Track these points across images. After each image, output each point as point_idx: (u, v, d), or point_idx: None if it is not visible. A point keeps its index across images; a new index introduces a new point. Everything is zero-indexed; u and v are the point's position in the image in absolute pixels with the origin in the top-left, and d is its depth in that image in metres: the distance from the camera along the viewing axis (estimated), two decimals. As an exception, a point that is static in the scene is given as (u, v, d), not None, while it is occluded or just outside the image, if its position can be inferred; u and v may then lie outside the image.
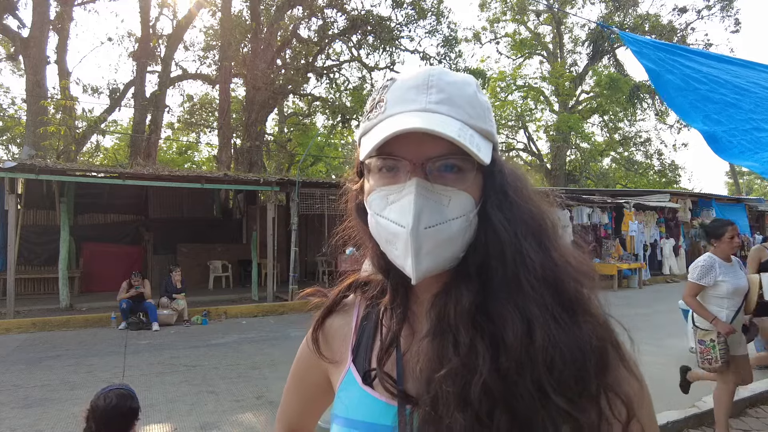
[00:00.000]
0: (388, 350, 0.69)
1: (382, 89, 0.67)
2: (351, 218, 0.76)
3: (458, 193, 0.63)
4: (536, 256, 0.62)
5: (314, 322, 0.81)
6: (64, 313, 9.22)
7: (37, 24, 14.52)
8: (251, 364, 6.24)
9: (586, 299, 0.63)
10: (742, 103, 2.43)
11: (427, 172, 0.62)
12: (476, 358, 0.58)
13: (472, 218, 0.64)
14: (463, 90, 0.65)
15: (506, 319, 0.59)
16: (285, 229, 12.63)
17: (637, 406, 0.61)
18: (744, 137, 2.37)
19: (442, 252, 0.63)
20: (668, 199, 16.42)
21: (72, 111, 15.34)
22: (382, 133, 0.62)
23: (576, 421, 0.56)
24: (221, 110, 17.60)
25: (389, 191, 0.64)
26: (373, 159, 0.65)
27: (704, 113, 2.43)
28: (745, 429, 4.15)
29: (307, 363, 0.84)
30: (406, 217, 0.61)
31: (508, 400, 0.57)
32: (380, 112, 0.65)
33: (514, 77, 27.45)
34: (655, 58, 2.60)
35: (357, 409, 0.69)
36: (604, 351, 0.60)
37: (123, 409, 1.97)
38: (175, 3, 19.14)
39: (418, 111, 0.62)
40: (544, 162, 28.14)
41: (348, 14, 18.38)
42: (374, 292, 0.77)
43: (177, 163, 26.12)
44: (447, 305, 0.63)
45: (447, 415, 0.57)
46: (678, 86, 2.49)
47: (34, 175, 8.99)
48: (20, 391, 5.16)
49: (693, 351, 6.08)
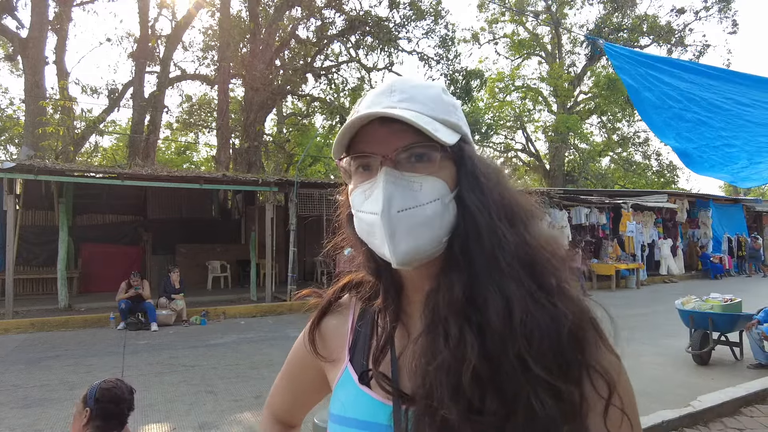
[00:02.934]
0: (383, 350, 0.72)
1: (357, 103, 0.73)
2: (343, 228, 0.79)
3: (429, 179, 0.66)
4: (511, 236, 0.65)
5: (310, 321, 0.83)
6: (63, 313, 9.23)
7: (35, 24, 14.52)
8: (250, 364, 6.26)
9: (560, 280, 0.65)
10: (713, 122, 2.54)
11: (396, 162, 0.66)
12: (465, 347, 0.61)
13: (448, 202, 0.67)
14: (426, 91, 0.70)
15: (488, 301, 0.62)
16: (283, 230, 12.66)
17: (616, 381, 0.63)
18: (714, 153, 2.50)
19: (421, 234, 0.65)
20: (666, 200, 16.45)
21: (71, 111, 15.34)
22: (345, 128, 0.67)
23: (559, 393, 0.59)
24: (220, 111, 17.61)
25: (365, 187, 0.68)
26: (350, 161, 0.70)
27: (676, 131, 2.55)
28: (739, 428, 4.18)
29: (301, 360, 0.86)
30: (378, 203, 0.65)
31: (497, 384, 0.59)
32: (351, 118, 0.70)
33: (512, 78, 27.51)
34: (635, 74, 2.70)
35: (353, 407, 0.72)
36: (580, 327, 0.62)
37: (123, 393, 2.01)
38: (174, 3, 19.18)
39: (381, 109, 0.67)
40: (543, 162, 28.19)
41: (346, 15, 18.40)
42: (368, 292, 0.80)
43: (175, 164, 26.11)
44: (438, 300, 0.65)
45: (441, 407, 0.60)
46: (654, 104, 2.59)
47: (32, 176, 9.01)
48: (19, 391, 5.17)
49: (689, 351, 6.13)
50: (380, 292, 0.76)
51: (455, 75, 20.13)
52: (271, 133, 24.88)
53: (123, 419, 2.00)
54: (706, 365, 6.03)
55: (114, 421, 1.97)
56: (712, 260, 16.73)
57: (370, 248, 0.71)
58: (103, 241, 12.49)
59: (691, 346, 6.13)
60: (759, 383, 4.97)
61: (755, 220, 21.04)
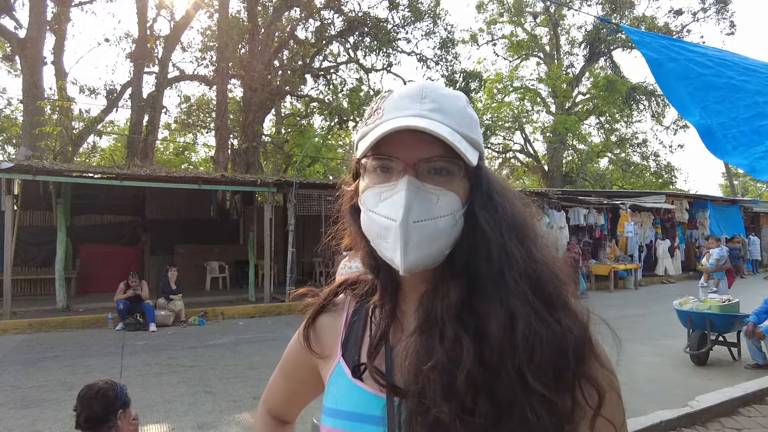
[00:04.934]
0: (378, 345, 0.73)
1: (380, 99, 0.73)
2: (345, 219, 0.81)
3: (446, 193, 0.68)
4: (519, 254, 0.67)
5: (306, 319, 0.85)
6: (61, 314, 9.21)
7: (34, 24, 14.48)
8: (248, 364, 6.26)
9: (564, 296, 0.67)
10: (748, 84, 2.32)
11: (418, 172, 0.67)
12: (461, 350, 0.62)
13: (458, 218, 0.69)
14: (454, 102, 0.71)
15: (491, 313, 0.64)
16: (282, 230, 12.65)
17: (608, 396, 0.65)
18: (741, 128, 2.25)
19: (429, 246, 0.67)
20: (664, 201, 16.49)
21: (69, 112, 15.31)
22: (378, 132, 0.67)
23: (553, 405, 0.60)
24: (218, 111, 17.59)
25: (382, 189, 0.69)
26: (369, 159, 0.70)
27: (703, 104, 2.33)
28: (737, 428, 4.19)
29: (296, 358, 0.88)
30: (398, 210, 0.66)
31: (491, 389, 0.61)
32: (378, 118, 0.70)
33: (511, 78, 27.50)
34: (657, 47, 2.52)
35: (346, 400, 0.73)
36: (581, 343, 0.64)
37: (105, 394, 2.07)
38: (173, 4, 19.14)
39: (413, 116, 0.67)
40: (541, 163, 28.20)
41: (345, 16, 18.39)
42: (364, 290, 0.82)
43: (174, 164, 26.07)
44: (434, 302, 0.67)
45: (434, 406, 0.61)
46: (679, 74, 2.39)
47: (30, 176, 8.99)
48: (18, 391, 5.16)
49: (687, 351, 6.15)
50: (378, 288, 0.78)
51: (454, 76, 20.15)
52: (269, 133, 24.87)
53: (102, 419, 2.05)
54: (704, 365, 6.05)
55: (92, 421, 2.05)
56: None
57: (372, 246, 0.73)
58: (102, 242, 12.47)
59: (689, 346, 6.14)
60: (756, 383, 4.98)
61: (753, 220, 21.08)
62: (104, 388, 2.08)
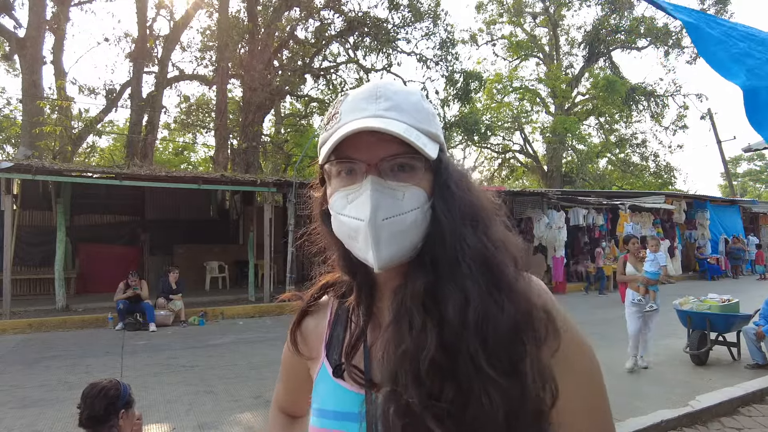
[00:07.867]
0: (356, 344, 0.76)
1: (337, 104, 0.74)
2: (317, 224, 0.83)
3: (411, 188, 0.69)
4: (472, 240, 0.69)
5: (292, 323, 0.87)
6: (61, 314, 9.20)
7: (33, 24, 14.47)
8: (248, 364, 6.26)
9: (512, 278, 0.69)
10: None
11: (381, 171, 0.69)
12: (426, 336, 0.64)
13: (426, 210, 0.70)
14: (408, 98, 0.73)
15: (447, 297, 0.65)
16: (282, 230, 12.64)
17: (570, 376, 0.67)
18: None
19: (401, 241, 0.69)
20: (663, 201, 16.50)
21: (68, 111, 15.30)
22: (337, 136, 0.68)
23: (505, 390, 0.61)
24: (218, 111, 17.56)
25: (348, 191, 0.71)
26: (332, 164, 0.72)
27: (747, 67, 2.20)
28: (737, 428, 4.19)
29: (290, 361, 0.91)
30: (365, 211, 0.67)
31: (454, 373, 0.62)
32: (336, 122, 0.72)
33: (510, 79, 27.52)
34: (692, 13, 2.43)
35: (328, 399, 0.76)
36: (527, 319, 0.66)
37: (107, 393, 2.07)
38: (172, 4, 19.10)
39: (370, 117, 0.69)
40: (541, 163, 28.21)
41: (345, 16, 18.39)
42: (342, 291, 0.84)
43: (173, 164, 26.04)
44: (404, 293, 0.69)
45: (405, 392, 0.63)
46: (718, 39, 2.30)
47: (30, 176, 8.98)
48: (18, 391, 5.16)
49: (687, 351, 6.15)
50: (354, 288, 0.80)
51: (454, 76, 20.15)
52: (269, 133, 24.85)
53: (103, 418, 2.05)
54: (704, 365, 6.05)
55: (93, 420, 2.05)
56: (709, 261, 16.77)
57: (346, 248, 0.74)
58: (101, 242, 12.47)
59: (689, 346, 6.15)
60: (756, 383, 4.99)
61: (752, 221, 21.11)
62: (107, 387, 2.08)
